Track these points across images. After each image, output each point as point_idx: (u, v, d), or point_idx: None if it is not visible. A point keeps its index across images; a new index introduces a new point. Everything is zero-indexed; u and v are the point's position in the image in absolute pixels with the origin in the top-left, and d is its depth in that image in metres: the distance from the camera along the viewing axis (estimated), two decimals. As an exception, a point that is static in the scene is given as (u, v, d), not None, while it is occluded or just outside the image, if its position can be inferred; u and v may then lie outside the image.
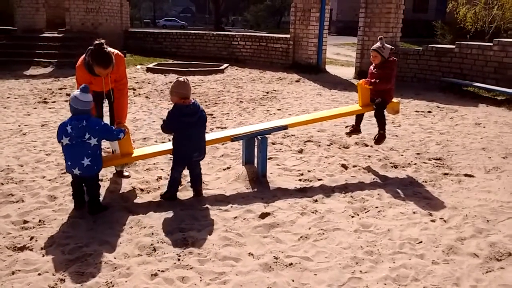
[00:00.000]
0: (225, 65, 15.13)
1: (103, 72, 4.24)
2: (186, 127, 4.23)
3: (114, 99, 4.67)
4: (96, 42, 4.18)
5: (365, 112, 5.77)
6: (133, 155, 4.57)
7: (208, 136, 5.03)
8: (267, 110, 8.81)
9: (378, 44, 5.36)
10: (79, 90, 3.92)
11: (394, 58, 5.49)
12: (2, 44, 15.94)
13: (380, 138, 5.64)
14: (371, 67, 5.54)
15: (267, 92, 10.85)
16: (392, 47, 5.47)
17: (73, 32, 16.30)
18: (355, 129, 5.90)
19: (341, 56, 21.55)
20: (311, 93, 11.02)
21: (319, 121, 6.25)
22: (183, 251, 3.47)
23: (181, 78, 4.21)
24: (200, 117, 4.32)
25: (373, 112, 5.57)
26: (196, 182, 4.53)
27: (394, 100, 5.66)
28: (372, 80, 5.40)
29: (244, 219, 4.05)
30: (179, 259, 3.36)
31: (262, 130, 5.01)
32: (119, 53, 4.52)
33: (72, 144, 3.88)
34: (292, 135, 6.83)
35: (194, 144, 4.35)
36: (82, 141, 3.86)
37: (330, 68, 15.37)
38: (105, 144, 4.80)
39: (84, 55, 4.32)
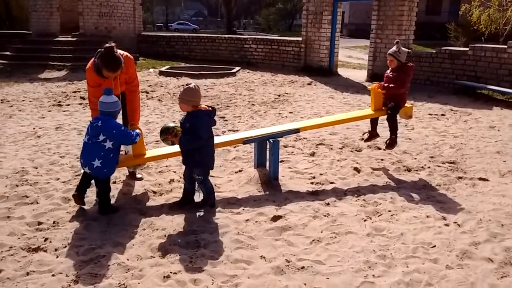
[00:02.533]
0: (237, 68, 15.18)
1: (112, 75, 4.27)
2: (212, 134, 4.24)
3: (127, 101, 4.70)
4: (107, 45, 4.23)
5: (378, 116, 5.72)
6: (146, 156, 4.60)
7: (220, 139, 5.05)
8: (279, 113, 8.80)
9: (394, 48, 5.31)
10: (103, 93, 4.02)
11: (412, 64, 5.43)
12: (17, 48, 16.20)
13: (391, 143, 5.59)
14: (388, 71, 5.50)
15: (279, 95, 10.85)
16: (409, 51, 5.43)
17: (86, 36, 16.49)
18: (372, 134, 5.85)
19: (353, 59, 21.47)
20: (323, 96, 10.99)
21: (331, 125, 6.22)
22: (195, 254, 3.48)
23: (192, 85, 4.05)
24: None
25: (385, 116, 5.53)
26: (207, 197, 4.41)
27: (407, 104, 5.61)
28: (385, 85, 5.36)
29: (256, 222, 4.05)
30: (191, 262, 3.37)
31: (274, 133, 5.01)
32: (129, 55, 4.56)
33: (88, 143, 3.98)
34: (304, 138, 6.81)
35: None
36: (96, 142, 3.92)
37: (342, 71, 15.33)
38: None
39: (93, 57, 4.35)
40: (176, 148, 4.73)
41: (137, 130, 4.29)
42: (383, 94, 5.43)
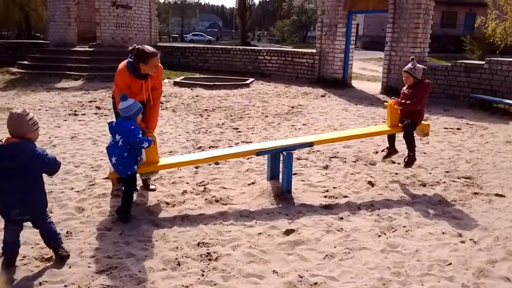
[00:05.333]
0: (251, 79, 15.23)
1: (156, 62, 4.33)
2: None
3: (147, 107, 4.75)
4: (136, 45, 4.37)
5: (394, 133, 5.65)
6: (159, 164, 4.62)
7: (234, 150, 5.05)
8: (293, 125, 8.79)
9: (409, 65, 5.26)
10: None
11: (428, 81, 5.37)
12: (35, 58, 16.48)
13: (409, 161, 5.49)
14: (404, 88, 5.45)
15: (293, 107, 10.84)
16: (425, 67, 5.34)
17: (103, 46, 16.71)
18: (390, 151, 5.75)
19: (367, 71, 21.42)
20: (337, 108, 10.96)
21: (346, 139, 6.17)
22: (207, 267, 3.46)
23: (14, 110, 3.33)
24: (25, 162, 3.23)
25: (402, 133, 5.46)
26: (50, 240, 3.53)
27: (424, 122, 5.54)
28: (402, 101, 5.30)
29: (268, 235, 4.02)
30: (203, 275, 3.35)
31: (287, 146, 4.99)
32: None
33: (111, 143, 4.22)
34: (317, 150, 6.78)
35: (12, 198, 3.27)
36: (115, 142, 4.14)
37: (356, 83, 15.29)
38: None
39: (126, 60, 4.43)
40: (190, 157, 4.74)
41: (150, 138, 4.31)
42: (399, 110, 5.37)
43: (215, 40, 63.98)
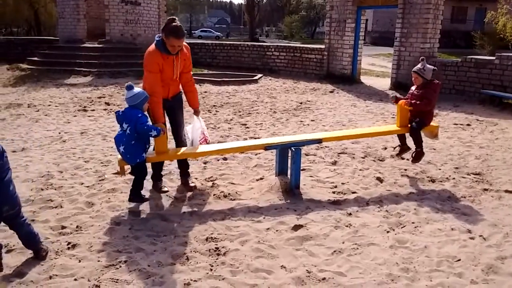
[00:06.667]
0: (259, 75, 15.22)
1: (177, 42, 4.33)
2: None
3: (187, 92, 4.88)
4: (169, 18, 4.44)
5: (403, 133, 5.61)
6: (167, 154, 4.64)
7: (242, 143, 5.05)
8: (301, 121, 8.77)
9: (419, 65, 5.23)
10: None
11: (438, 82, 5.33)
12: (45, 54, 16.58)
13: (417, 156, 5.47)
14: (413, 88, 5.41)
15: (301, 103, 10.82)
16: (435, 68, 5.29)
17: (112, 42, 16.77)
18: (403, 149, 5.71)
19: (376, 67, 21.30)
20: (346, 104, 10.92)
21: (354, 138, 6.14)
22: (215, 261, 3.48)
23: None
24: None
25: (410, 130, 5.43)
26: (29, 241, 3.41)
27: (433, 123, 5.50)
28: (413, 101, 5.26)
29: (276, 230, 4.03)
30: (211, 269, 3.37)
31: (295, 142, 4.98)
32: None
33: (120, 132, 4.27)
34: (326, 146, 6.77)
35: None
36: (123, 130, 4.21)
37: (365, 79, 15.22)
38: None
39: (152, 44, 4.47)
40: (200, 148, 4.78)
41: (160, 128, 4.32)
42: (409, 111, 5.34)
43: (225, 36, 63.89)
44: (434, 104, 5.33)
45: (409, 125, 5.41)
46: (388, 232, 4.06)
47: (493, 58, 11.44)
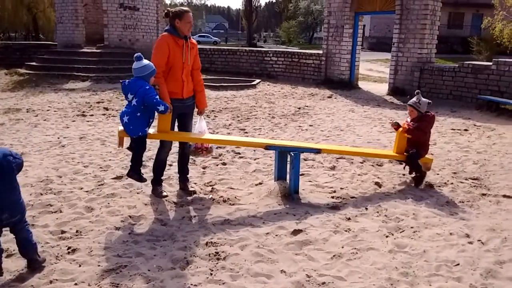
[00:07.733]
0: (257, 80, 15.27)
1: (190, 18, 4.54)
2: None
3: (197, 92, 4.99)
4: (165, 11, 4.66)
5: (399, 159, 5.62)
6: (169, 135, 4.66)
7: (244, 139, 5.04)
8: (299, 126, 8.80)
9: (414, 99, 5.30)
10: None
11: (432, 114, 5.40)
12: (43, 59, 16.60)
13: (418, 181, 5.45)
14: (408, 119, 5.48)
15: (299, 108, 10.86)
16: (430, 101, 5.36)
17: (111, 47, 16.80)
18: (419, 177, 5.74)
19: (374, 72, 21.38)
20: (344, 109, 10.96)
21: (353, 154, 6.18)
22: (215, 266, 3.48)
23: None
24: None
25: (405, 159, 5.44)
26: (26, 250, 3.32)
27: (428, 156, 5.54)
28: (412, 128, 5.31)
29: (276, 235, 4.04)
30: (211, 274, 3.37)
31: (295, 147, 5.00)
32: None
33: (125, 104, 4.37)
34: (324, 151, 6.78)
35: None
36: (128, 101, 4.26)
37: (363, 84, 15.28)
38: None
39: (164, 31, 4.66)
40: (201, 134, 4.84)
41: (168, 105, 4.33)
42: (407, 139, 5.39)
43: (224, 42, 64.00)
44: (429, 136, 5.45)
45: (405, 153, 5.45)
46: (387, 236, 4.07)
47: (490, 63, 11.51)
